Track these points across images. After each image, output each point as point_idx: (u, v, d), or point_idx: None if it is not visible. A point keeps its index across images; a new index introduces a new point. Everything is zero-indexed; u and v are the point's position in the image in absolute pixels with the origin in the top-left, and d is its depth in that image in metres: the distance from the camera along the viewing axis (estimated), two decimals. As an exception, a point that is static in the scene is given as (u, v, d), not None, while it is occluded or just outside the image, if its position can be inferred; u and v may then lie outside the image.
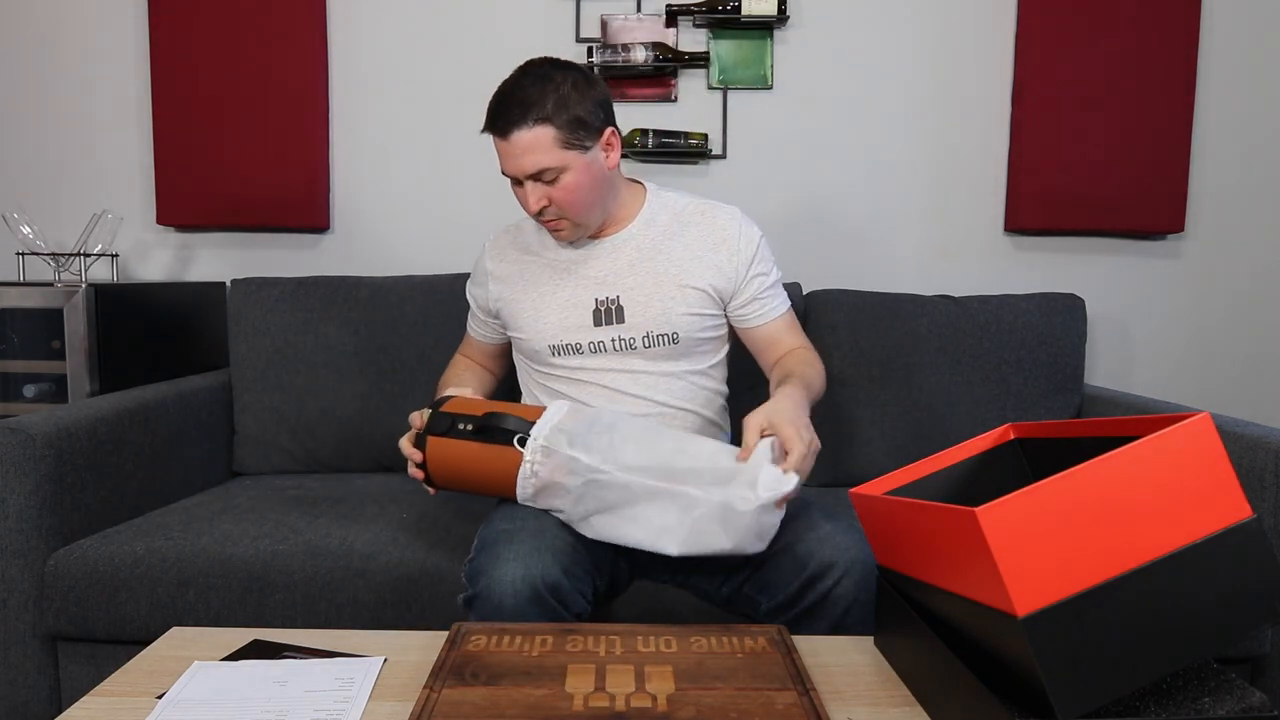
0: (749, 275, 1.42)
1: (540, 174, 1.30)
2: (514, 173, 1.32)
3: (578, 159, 1.30)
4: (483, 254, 1.53)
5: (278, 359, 1.93)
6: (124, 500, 1.61)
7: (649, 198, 1.46)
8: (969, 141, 2.19)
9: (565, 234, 1.39)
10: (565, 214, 1.34)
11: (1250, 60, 2.16)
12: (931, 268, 2.21)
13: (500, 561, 1.13)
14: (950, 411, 1.88)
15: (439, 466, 1.29)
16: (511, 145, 1.29)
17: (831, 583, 1.16)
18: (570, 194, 1.32)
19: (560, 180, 1.31)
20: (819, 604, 1.17)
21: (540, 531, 1.19)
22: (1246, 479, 1.38)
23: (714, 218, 1.44)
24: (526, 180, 1.31)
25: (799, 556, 1.19)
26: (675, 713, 0.83)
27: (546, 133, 1.28)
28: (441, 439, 1.28)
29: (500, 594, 1.11)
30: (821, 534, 1.20)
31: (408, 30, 2.19)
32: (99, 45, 2.21)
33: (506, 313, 1.47)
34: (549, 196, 1.32)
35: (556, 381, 1.43)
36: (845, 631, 1.14)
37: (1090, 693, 0.68)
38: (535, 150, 1.28)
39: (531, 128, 1.27)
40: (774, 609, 1.20)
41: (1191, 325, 2.23)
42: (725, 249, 1.41)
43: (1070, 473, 0.70)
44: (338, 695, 0.90)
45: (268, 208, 2.19)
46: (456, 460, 1.27)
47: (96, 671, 1.45)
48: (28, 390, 1.92)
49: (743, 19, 2.09)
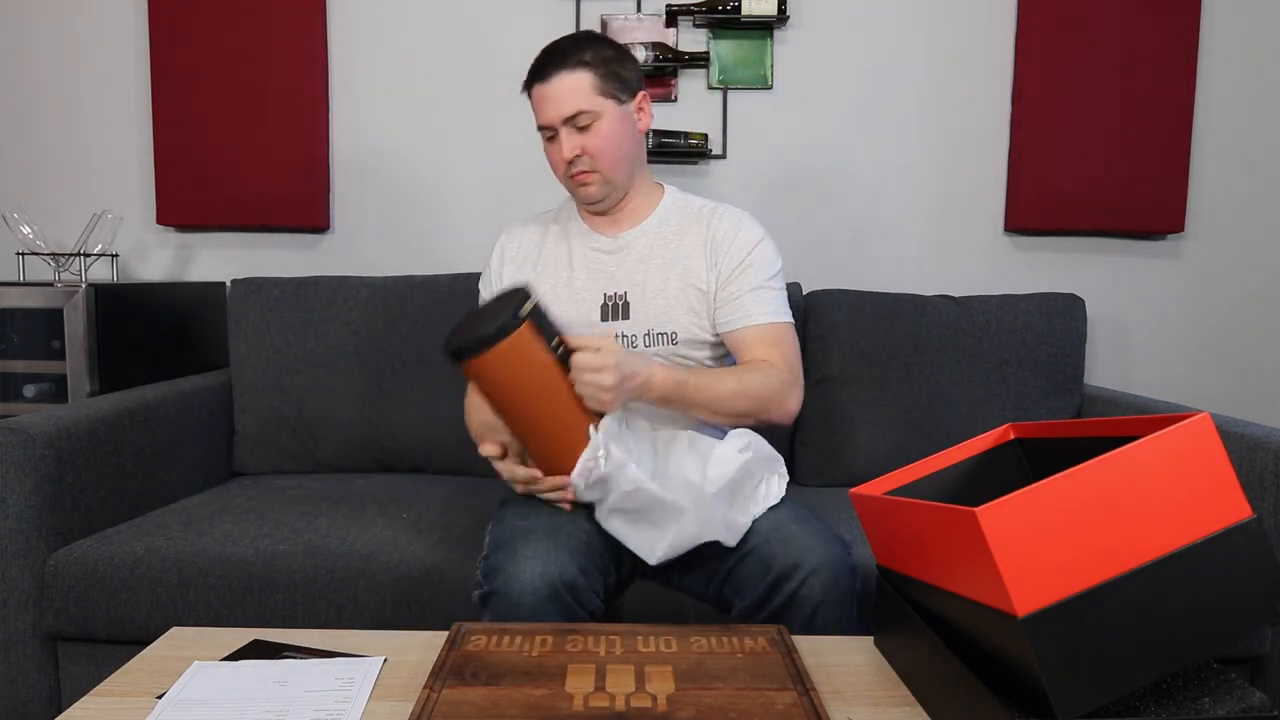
0: (732, 274, 1.40)
1: (576, 117, 1.33)
2: (552, 117, 1.34)
3: (613, 108, 1.35)
4: (496, 247, 1.53)
5: (278, 359, 1.93)
6: (124, 500, 1.61)
7: (666, 198, 1.49)
8: (969, 141, 2.19)
9: (593, 189, 1.39)
10: (597, 165, 1.36)
11: (1250, 60, 2.16)
12: (931, 268, 2.21)
13: (519, 559, 1.14)
14: (950, 411, 1.88)
15: (506, 363, 1.08)
16: (551, 87, 1.33)
17: (797, 584, 1.16)
18: (603, 142, 1.35)
19: (594, 127, 1.34)
20: (787, 605, 1.17)
21: (556, 530, 1.20)
22: (1246, 479, 1.38)
23: (718, 219, 1.45)
24: (562, 127, 1.34)
25: (764, 558, 1.19)
26: (675, 713, 0.83)
27: (585, 76, 1.33)
28: (536, 338, 1.08)
29: (519, 591, 1.11)
30: (786, 535, 1.21)
31: (407, 30, 2.19)
32: (99, 45, 2.21)
33: None
34: (582, 146, 1.35)
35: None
36: (817, 631, 1.14)
37: (1090, 693, 0.68)
38: (575, 92, 1.33)
39: (572, 70, 1.33)
40: (745, 611, 1.21)
41: (1191, 325, 2.23)
42: (719, 249, 1.42)
43: (1070, 473, 0.70)
44: (338, 695, 0.90)
45: (268, 208, 2.19)
46: (532, 369, 1.09)
47: (96, 671, 1.45)
48: (28, 390, 1.92)
49: (743, 19, 2.09)
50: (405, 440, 1.91)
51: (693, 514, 1.16)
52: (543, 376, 1.11)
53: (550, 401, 1.12)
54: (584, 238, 1.46)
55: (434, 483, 1.83)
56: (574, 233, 1.48)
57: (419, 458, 1.93)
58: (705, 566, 1.25)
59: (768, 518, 1.26)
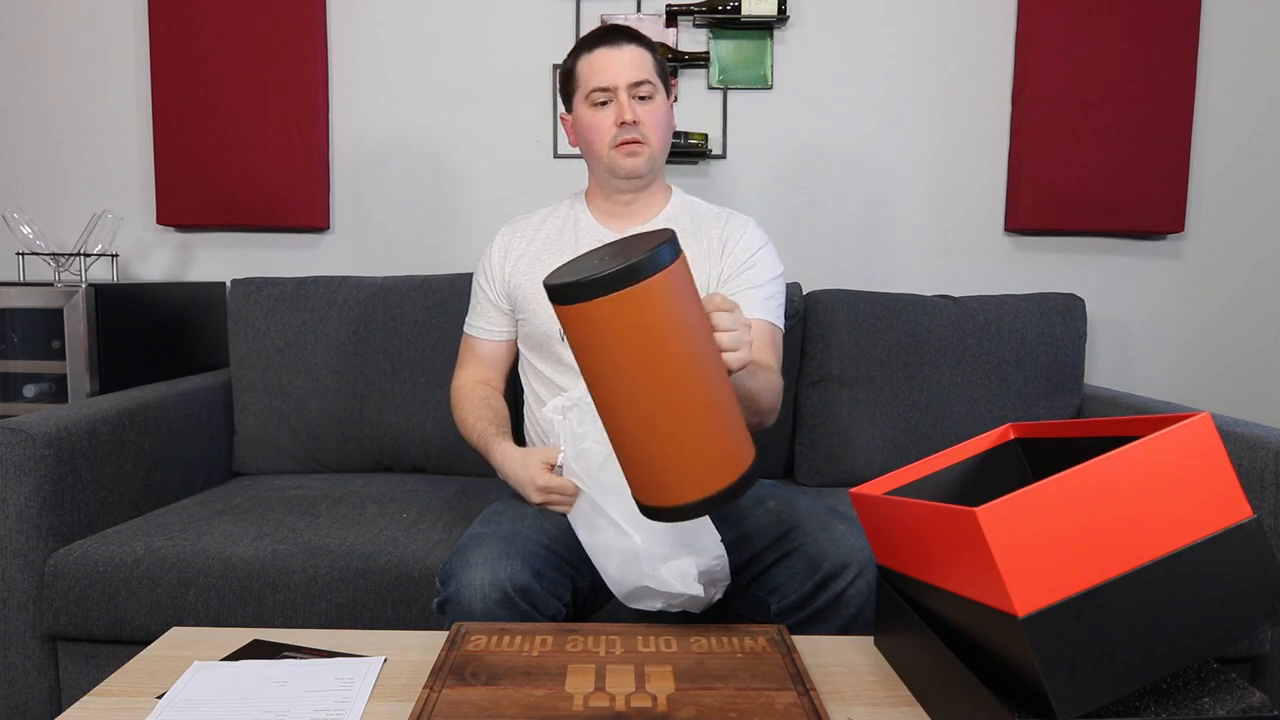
0: (736, 271, 1.42)
1: (641, 85, 1.39)
2: (618, 79, 1.38)
3: (662, 91, 1.43)
4: (493, 242, 1.52)
5: (278, 359, 1.93)
6: (124, 500, 1.61)
7: (674, 198, 1.50)
8: (969, 141, 2.19)
9: (640, 161, 1.40)
10: (648, 136, 1.40)
11: (1250, 60, 2.16)
12: (931, 268, 2.21)
13: (469, 565, 1.13)
14: (950, 411, 1.88)
15: (664, 297, 0.84)
16: (623, 53, 1.39)
17: (846, 583, 1.16)
18: (656, 116, 1.41)
19: (653, 101, 1.41)
20: (832, 604, 1.16)
21: (512, 535, 1.18)
22: (1246, 479, 1.38)
23: (722, 225, 1.46)
24: (623, 92, 1.38)
25: (812, 557, 1.18)
26: (675, 713, 0.83)
27: (649, 55, 1.42)
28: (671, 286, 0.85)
29: (470, 598, 1.10)
30: (835, 535, 1.19)
31: (408, 30, 2.19)
32: (99, 45, 2.21)
33: (521, 292, 1.45)
34: (638, 114, 1.39)
35: (559, 373, 1.42)
36: (852, 631, 1.14)
37: (1090, 693, 0.68)
38: (642, 64, 1.40)
39: (639, 46, 1.41)
40: (784, 609, 1.20)
41: (1191, 325, 2.23)
42: (726, 248, 1.44)
43: (1070, 473, 0.70)
44: (338, 695, 0.90)
45: (268, 208, 2.19)
46: (687, 306, 0.88)
47: (96, 671, 1.45)
48: (28, 390, 1.92)
49: (743, 19, 2.09)
50: (405, 440, 1.91)
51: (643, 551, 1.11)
52: (696, 313, 0.89)
53: (699, 348, 0.88)
54: (591, 230, 1.46)
55: (434, 483, 1.83)
56: (582, 225, 1.48)
57: (419, 458, 1.93)
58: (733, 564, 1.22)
59: (811, 516, 1.23)
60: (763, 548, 1.22)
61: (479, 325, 1.53)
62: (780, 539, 1.21)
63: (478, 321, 1.53)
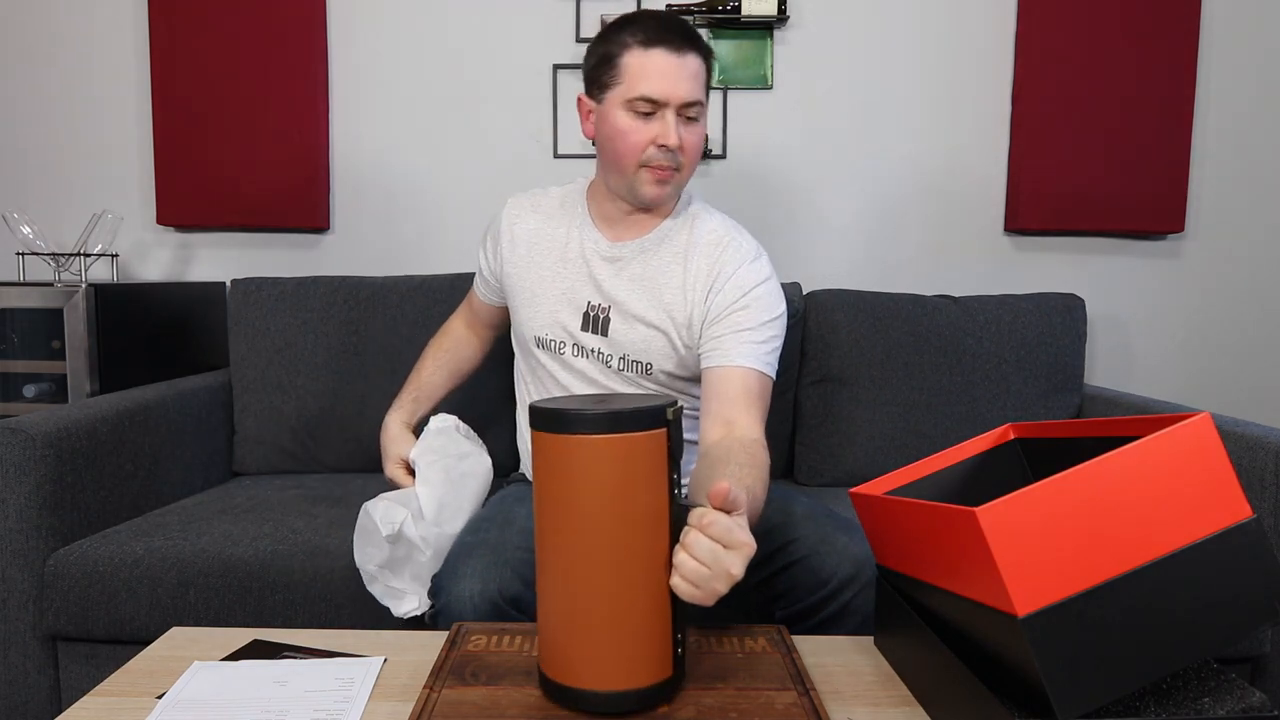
0: (724, 312, 1.27)
1: (693, 106, 1.23)
2: (671, 94, 1.20)
3: (706, 108, 1.28)
4: (499, 216, 1.44)
5: (278, 359, 1.93)
6: (124, 500, 1.61)
7: (679, 209, 1.36)
8: (969, 141, 2.19)
9: (668, 189, 1.27)
10: (684, 164, 1.26)
11: (1250, 60, 2.16)
12: (931, 268, 2.21)
13: (458, 577, 1.13)
14: (950, 411, 1.88)
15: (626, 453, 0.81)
16: (685, 64, 1.21)
17: (852, 595, 1.15)
18: (697, 139, 1.26)
19: (695, 124, 1.25)
20: (839, 614, 1.16)
21: (500, 544, 1.18)
22: (1246, 479, 1.38)
23: (716, 256, 1.31)
24: (672, 111, 1.21)
25: (816, 570, 1.16)
26: (675, 713, 0.83)
27: (704, 66, 1.24)
28: (668, 452, 0.83)
29: (460, 610, 1.10)
30: (838, 547, 1.17)
31: (407, 30, 2.19)
32: (99, 45, 2.21)
33: (508, 285, 1.41)
34: (682, 138, 1.23)
35: (542, 375, 1.40)
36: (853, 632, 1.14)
37: (1090, 693, 0.68)
38: (699, 79, 1.23)
39: (699, 55, 1.23)
40: (790, 616, 1.19)
41: (1191, 325, 2.23)
42: (717, 283, 1.29)
43: (1070, 473, 0.70)
44: (338, 695, 0.90)
45: (268, 208, 2.19)
46: (648, 480, 0.83)
47: (96, 671, 1.45)
48: (28, 390, 1.92)
49: (743, 19, 2.09)
50: (405, 440, 1.91)
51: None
52: (654, 494, 0.82)
53: (627, 535, 0.81)
54: (586, 231, 1.36)
55: (434, 483, 1.83)
56: (578, 224, 1.38)
57: (419, 458, 1.92)
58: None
59: (810, 522, 1.20)
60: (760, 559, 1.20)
61: (478, 286, 1.53)
62: (778, 551, 1.20)
63: (478, 282, 1.52)
